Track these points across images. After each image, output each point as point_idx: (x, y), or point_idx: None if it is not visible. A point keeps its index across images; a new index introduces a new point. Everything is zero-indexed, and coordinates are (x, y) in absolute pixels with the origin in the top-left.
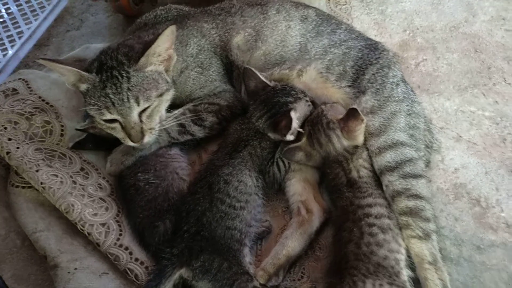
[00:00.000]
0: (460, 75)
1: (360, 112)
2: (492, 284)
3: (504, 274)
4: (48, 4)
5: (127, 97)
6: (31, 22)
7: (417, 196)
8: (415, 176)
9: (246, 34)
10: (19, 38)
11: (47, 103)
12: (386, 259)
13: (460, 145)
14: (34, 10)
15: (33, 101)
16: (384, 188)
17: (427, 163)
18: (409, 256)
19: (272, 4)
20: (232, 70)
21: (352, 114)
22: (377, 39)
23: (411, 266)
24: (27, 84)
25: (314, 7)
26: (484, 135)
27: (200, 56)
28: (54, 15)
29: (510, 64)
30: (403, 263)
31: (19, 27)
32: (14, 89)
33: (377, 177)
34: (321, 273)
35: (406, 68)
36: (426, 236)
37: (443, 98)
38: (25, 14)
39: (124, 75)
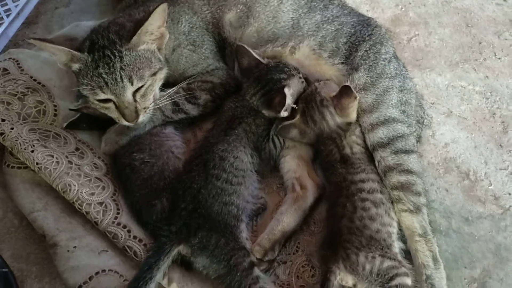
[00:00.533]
0: (451, 50)
1: (353, 89)
2: (479, 254)
3: (491, 245)
4: None
5: (120, 77)
6: (18, 0)
7: (409, 171)
8: (407, 151)
9: (238, 10)
10: (7, 16)
11: (39, 82)
12: (378, 232)
13: (450, 120)
14: None
15: (25, 81)
16: (377, 163)
17: (418, 138)
18: (400, 229)
19: None
20: (225, 48)
21: (345, 91)
22: (370, 14)
23: (403, 238)
24: (18, 64)
25: None
26: (474, 109)
27: (192, 34)
28: None
29: (500, 38)
30: (395, 236)
31: (6, 4)
32: (5, 69)
33: (369, 153)
34: (315, 247)
35: (398, 43)
36: (416, 210)
37: (435, 73)
38: None
39: (117, 54)
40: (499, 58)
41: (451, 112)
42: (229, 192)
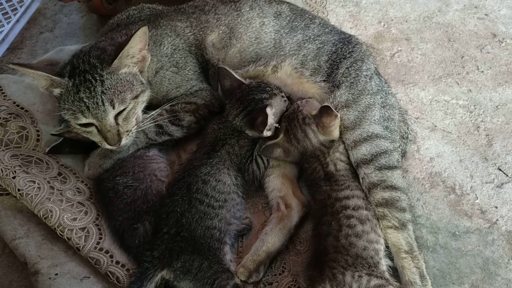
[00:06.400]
0: (434, 65)
1: (333, 109)
2: (467, 269)
3: (479, 259)
4: (20, 6)
5: (102, 101)
6: (3, 26)
7: (393, 187)
8: (390, 167)
9: (220, 32)
10: None
11: (22, 108)
12: (365, 249)
13: (435, 135)
14: (6, 13)
15: (8, 107)
16: (361, 180)
17: (403, 154)
18: (387, 246)
19: (245, 0)
20: (208, 68)
21: (324, 111)
22: (353, 31)
23: (390, 256)
24: (1, 90)
25: (288, 2)
26: (458, 123)
27: (175, 56)
28: (26, 17)
29: (482, 52)
30: (382, 253)
31: None
32: None
33: (354, 169)
34: (301, 267)
35: (381, 59)
36: (402, 226)
37: (418, 88)
38: None
39: (98, 78)
40: (482, 72)
41: (436, 126)
42: (211, 216)
